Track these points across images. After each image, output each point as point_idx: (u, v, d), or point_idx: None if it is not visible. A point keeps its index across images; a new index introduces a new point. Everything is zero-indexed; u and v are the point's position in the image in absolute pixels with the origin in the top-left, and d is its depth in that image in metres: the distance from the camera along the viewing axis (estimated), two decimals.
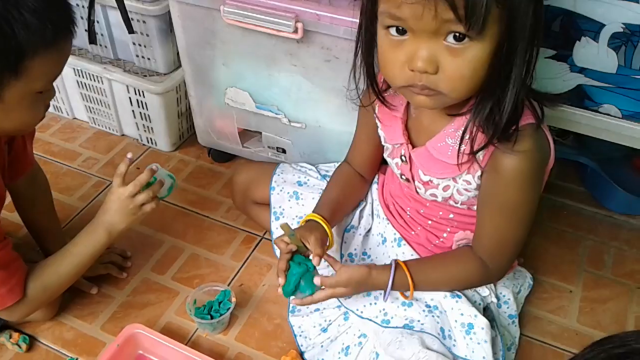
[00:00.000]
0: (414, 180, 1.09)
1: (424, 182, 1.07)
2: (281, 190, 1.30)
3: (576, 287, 1.36)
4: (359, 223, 1.26)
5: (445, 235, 1.13)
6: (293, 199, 1.29)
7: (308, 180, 1.32)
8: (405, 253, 1.17)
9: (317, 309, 1.23)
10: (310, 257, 1.02)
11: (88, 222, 1.44)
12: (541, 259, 1.41)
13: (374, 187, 1.28)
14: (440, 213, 1.11)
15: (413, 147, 1.05)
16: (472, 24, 0.74)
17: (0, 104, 0.87)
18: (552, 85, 1.22)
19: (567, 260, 1.43)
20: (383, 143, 1.14)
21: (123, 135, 1.74)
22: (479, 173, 0.97)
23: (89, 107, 1.71)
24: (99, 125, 1.76)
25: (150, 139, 1.68)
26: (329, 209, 1.15)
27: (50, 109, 1.81)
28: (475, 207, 1.04)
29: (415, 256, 1.16)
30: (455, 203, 1.06)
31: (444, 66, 0.80)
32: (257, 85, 1.37)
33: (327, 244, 1.10)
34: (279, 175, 1.33)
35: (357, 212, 1.25)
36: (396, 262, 1.05)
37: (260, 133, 1.48)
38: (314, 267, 1.03)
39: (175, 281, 1.34)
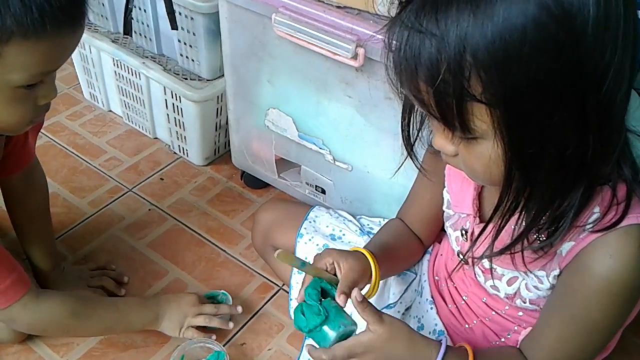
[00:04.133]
0: (473, 265, 0.85)
1: (485, 270, 0.83)
2: (310, 240, 1.08)
3: None
4: (400, 298, 1.02)
5: (509, 335, 0.88)
6: None
7: (344, 234, 1.09)
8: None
9: None
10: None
11: (93, 231, 1.32)
12: None
13: (426, 257, 1.04)
14: (507, 307, 0.86)
15: (481, 221, 0.82)
16: (449, 125, 0.61)
17: None
18: None
19: None
20: (445, 209, 0.91)
21: (156, 138, 1.57)
22: (556, 272, 0.74)
23: (125, 102, 1.55)
24: (133, 123, 1.59)
25: (183, 148, 1.50)
26: (379, 250, 0.92)
27: (87, 97, 1.67)
28: None
29: None
30: (523, 302, 0.82)
31: (459, 153, 0.67)
32: (303, 111, 1.16)
33: (369, 288, 0.87)
34: (310, 222, 1.11)
35: (404, 288, 1.02)
36: (455, 345, 0.80)
37: (300, 166, 1.27)
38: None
39: None
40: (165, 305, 1.07)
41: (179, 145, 1.50)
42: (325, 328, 0.74)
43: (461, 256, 0.88)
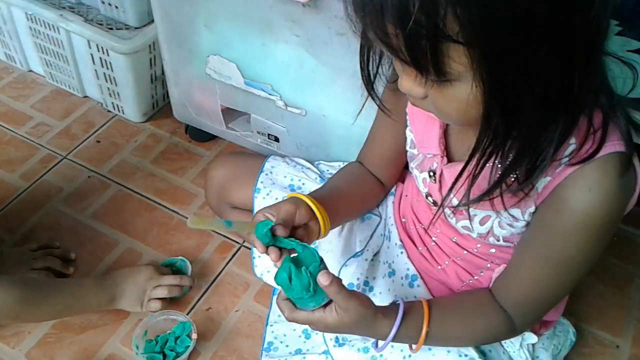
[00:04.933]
0: (443, 206, 0.81)
1: (456, 211, 0.79)
2: (268, 194, 1.01)
3: (624, 341, 1.10)
4: (366, 245, 0.98)
5: (482, 272, 0.86)
6: None
7: (303, 184, 1.03)
8: (419, 296, 0.89)
9: (299, 351, 0.97)
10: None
11: (29, 206, 1.20)
12: (583, 301, 1.14)
13: (390, 199, 1.00)
14: (479, 245, 0.83)
15: (449, 161, 0.77)
16: (421, 69, 0.54)
17: None
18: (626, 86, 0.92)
19: (614, 303, 1.15)
20: (408, 148, 0.86)
21: (85, 97, 1.44)
22: (531, 209, 0.70)
23: (46, 60, 1.40)
24: (57, 82, 1.45)
25: (117, 105, 1.37)
26: (328, 193, 0.87)
27: (2, 57, 1.51)
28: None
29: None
30: (497, 240, 0.78)
31: (430, 96, 0.60)
32: (247, 56, 1.07)
33: (318, 232, 0.81)
34: (267, 174, 1.04)
35: (369, 233, 0.97)
36: (407, 302, 0.77)
37: (249, 114, 1.18)
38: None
39: None
40: (121, 283, 1.00)
41: (112, 103, 1.38)
42: (309, 300, 0.70)
43: (430, 199, 0.84)
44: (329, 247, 0.99)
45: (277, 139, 1.19)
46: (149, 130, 1.38)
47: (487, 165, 0.62)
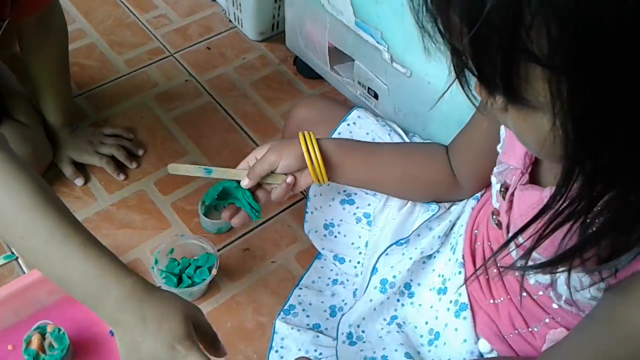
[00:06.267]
0: (507, 230, 0.66)
1: (518, 244, 0.63)
2: None
3: None
4: (417, 240, 0.83)
5: (537, 327, 0.69)
6: None
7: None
8: (460, 330, 0.75)
9: (317, 326, 0.88)
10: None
11: (121, 92, 1.19)
12: None
13: (470, 203, 0.83)
14: (540, 293, 0.67)
15: (531, 182, 0.62)
16: (488, 85, 0.41)
17: None
18: None
19: None
20: (499, 149, 0.70)
21: (213, 0, 1.39)
22: (602, 285, 0.54)
23: None
24: None
25: (237, 16, 1.31)
26: (354, 148, 0.82)
27: None
28: (584, 313, 0.61)
29: (471, 340, 0.74)
30: (557, 298, 0.63)
31: (509, 112, 0.46)
32: None
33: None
34: (349, 124, 0.93)
35: (427, 225, 0.83)
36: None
37: (354, 60, 1.06)
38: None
39: (175, 210, 1.04)
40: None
41: (234, 13, 1.32)
42: None
43: (495, 218, 0.68)
44: (385, 220, 0.87)
45: (376, 96, 1.06)
46: (260, 52, 1.31)
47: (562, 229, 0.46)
